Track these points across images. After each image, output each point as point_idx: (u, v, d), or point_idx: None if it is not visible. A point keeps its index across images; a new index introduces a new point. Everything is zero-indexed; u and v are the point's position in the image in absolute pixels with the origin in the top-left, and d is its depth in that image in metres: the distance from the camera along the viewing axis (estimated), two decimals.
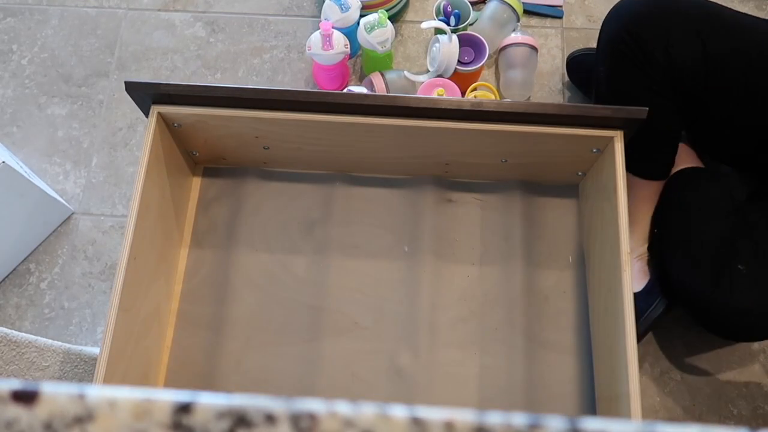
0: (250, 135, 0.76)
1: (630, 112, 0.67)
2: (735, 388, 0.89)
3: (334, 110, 0.70)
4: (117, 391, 0.19)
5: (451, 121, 0.69)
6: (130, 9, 1.18)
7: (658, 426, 0.19)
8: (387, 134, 0.72)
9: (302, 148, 0.78)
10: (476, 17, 1.08)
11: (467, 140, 0.73)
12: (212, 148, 0.80)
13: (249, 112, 0.70)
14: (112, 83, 1.11)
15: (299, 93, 0.71)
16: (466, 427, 0.19)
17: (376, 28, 0.98)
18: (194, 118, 0.72)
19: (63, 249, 1.00)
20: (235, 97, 0.70)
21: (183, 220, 0.83)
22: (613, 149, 0.68)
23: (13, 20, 1.17)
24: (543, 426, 0.19)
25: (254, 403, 0.19)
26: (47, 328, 0.95)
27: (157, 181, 0.72)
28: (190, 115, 0.71)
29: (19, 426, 0.18)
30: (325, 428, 0.18)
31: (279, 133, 0.75)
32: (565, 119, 0.69)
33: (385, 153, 0.78)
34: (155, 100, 0.71)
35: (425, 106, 0.69)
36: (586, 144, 0.71)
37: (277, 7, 1.17)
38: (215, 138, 0.77)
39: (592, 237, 0.77)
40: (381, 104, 0.70)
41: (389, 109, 0.69)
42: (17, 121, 1.09)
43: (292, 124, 0.71)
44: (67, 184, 1.04)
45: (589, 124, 0.68)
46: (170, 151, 0.76)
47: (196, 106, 0.71)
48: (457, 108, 0.69)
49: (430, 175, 0.84)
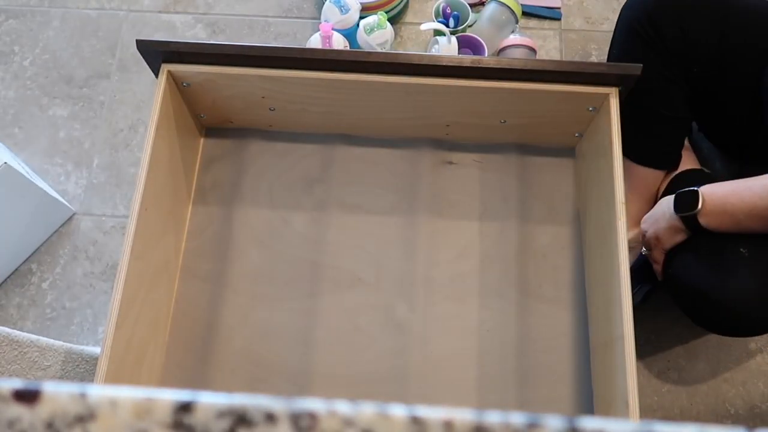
0: (257, 95, 0.77)
1: (625, 68, 0.68)
2: (732, 388, 0.89)
3: (338, 68, 0.71)
4: (118, 390, 0.19)
5: (452, 78, 0.71)
6: (131, 11, 1.18)
7: (655, 425, 0.19)
8: (390, 93, 0.74)
9: (306, 109, 0.79)
10: (475, 19, 1.08)
11: (467, 99, 0.74)
12: (220, 109, 0.82)
13: (256, 71, 0.72)
14: (113, 84, 1.12)
15: (305, 50, 0.73)
16: (465, 426, 0.19)
17: (375, 29, 0.98)
18: (203, 76, 0.73)
19: (64, 249, 1.00)
20: (243, 54, 0.71)
21: (191, 179, 0.85)
22: (608, 106, 0.70)
23: (15, 22, 1.17)
24: (542, 425, 0.19)
25: (254, 403, 0.19)
26: (49, 327, 0.95)
27: (166, 139, 0.73)
28: (200, 73, 0.72)
29: (21, 425, 0.19)
30: (325, 427, 0.19)
31: (285, 92, 0.76)
32: (561, 75, 0.70)
33: (387, 114, 0.80)
34: (165, 59, 0.72)
35: (427, 63, 0.70)
36: (583, 101, 0.72)
37: (277, 9, 1.17)
38: (223, 98, 0.79)
39: (588, 194, 0.79)
40: (384, 61, 0.71)
41: (392, 66, 0.71)
42: (19, 122, 1.09)
43: (298, 83, 0.73)
44: (69, 184, 1.05)
45: (585, 80, 0.70)
46: (179, 112, 0.77)
47: (205, 65, 0.72)
48: (457, 65, 0.70)
49: (430, 137, 0.86)
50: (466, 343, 0.76)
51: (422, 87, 0.72)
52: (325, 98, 0.76)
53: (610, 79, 0.69)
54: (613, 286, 0.66)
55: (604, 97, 0.70)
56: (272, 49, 0.72)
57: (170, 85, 0.73)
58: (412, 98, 0.75)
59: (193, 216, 0.83)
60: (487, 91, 0.71)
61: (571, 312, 0.78)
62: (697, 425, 0.19)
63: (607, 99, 0.70)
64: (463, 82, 0.71)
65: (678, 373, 0.90)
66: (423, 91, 0.73)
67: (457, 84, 0.71)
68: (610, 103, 0.70)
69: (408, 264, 0.80)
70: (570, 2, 1.16)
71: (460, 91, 0.72)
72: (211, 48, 0.72)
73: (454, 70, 0.70)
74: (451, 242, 0.81)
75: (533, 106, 0.74)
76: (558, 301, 0.78)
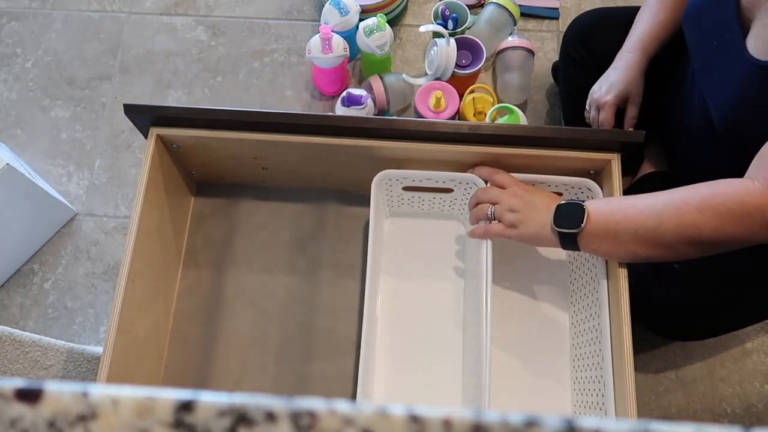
0: (249, 156, 0.76)
1: (627, 135, 0.67)
2: (729, 387, 0.89)
3: (332, 133, 0.70)
4: (119, 389, 0.19)
5: (449, 144, 0.69)
6: (132, 13, 1.18)
7: (652, 424, 0.19)
8: (386, 156, 0.72)
9: (300, 168, 0.78)
10: (474, 21, 1.09)
11: (464, 162, 0.72)
12: (211, 167, 0.80)
13: (248, 135, 0.70)
14: (114, 86, 1.12)
15: (298, 116, 0.71)
16: (464, 425, 0.19)
17: (375, 31, 0.98)
18: (193, 140, 0.72)
19: (66, 249, 1.00)
20: (233, 119, 0.69)
21: (182, 240, 0.83)
22: (610, 171, 0.68)
23: (17, 24, 1.18)
24: (540, 424, 0.19)
25: (255, 402, 0.19)
26: (51, 327, 0.95)
27: (155, 204, 0.72)
28: (189, 137, 0.71)
29: (23, 424, 0.19)
30: (325, 426, 0.19)
31: (277, 154, 0.74)
32: (563, 142, 0.69)
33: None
34: (154, 123, 0.71)
35: (424, 129, 0.69)
36: (584, 166, 0.71)
37: (277, 11, 1.17)
38: (214, 159, 0.77)
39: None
40: (379, 127, 0.69)
41: (387, 132, 0.69)
42: (21, 123, 1.10)
43: (291, 146, 0.71)
44: (71, 185, 1.05)
45: (588, 147, 0.69)
46: (169, 172, 0.76)
47: (195, 128, 0.70)
48: (455, 131, 0.68)
49: None
50: None
51: (419, 151, 0.70)
52: (319, 158, 0.74)
53: (612, 146, 0.68)
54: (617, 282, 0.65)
55: (606, 162, 0.69)
56: (264, 115, 0.70)
57: (159, 148, 0.72)
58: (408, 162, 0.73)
59: (183, 278, 0.81)
60: (484, 155, 0.70)
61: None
62: (693, 424, 0.19)
63: (608, 164, 0.69)
64: (460, 148, 0.69)
65: (675, 373, 0.90)
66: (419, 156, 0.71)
67: (453, 149, 0.69)
68: (612, 169, 0.68)
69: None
70: (567, 4, 1.16)
71: (457, 155, 0.70)
72: (200, 113, 0.70)
73: (450, 136, 0.68)
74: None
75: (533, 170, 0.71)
76: None
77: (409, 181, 0.74)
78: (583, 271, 0.73)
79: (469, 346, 0.72)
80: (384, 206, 0.80)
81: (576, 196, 0.72)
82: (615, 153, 0.69)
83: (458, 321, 0.77)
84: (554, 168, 0.71)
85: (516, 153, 0.69)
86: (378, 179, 0.71)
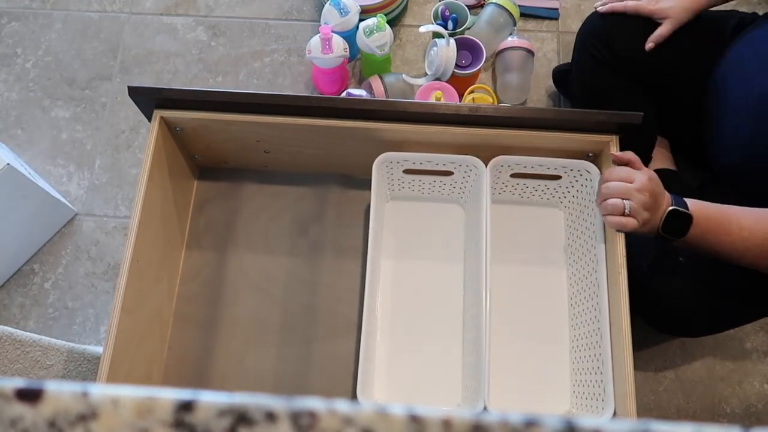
0: (251, 139, 0.76)
1: (624, 117, 0.68)
2: (728, 387, 0.89)
3: (333, 115, 0.70)
4: (120, 389, 0.19)
5: (449, 125, 0.70)
6: (132, 13, 1.18)
7: (652, 424, 0.19)
8: (386, 138, 0.73)
9: (302, 151, 0.79)
10: (473, 21, 1.09)
11: (466, 144, 0.73)
12: (214, 151, 0.81)
13: (250, 117, 0.71)
14: (114, 86, 1.12)
15: (299, 98, 0.72)
16: (464, 425, 0.19)
17: (375, 32, 0.98)
18: (196, 122, 0.72)
19: (66, 249, 1.00)
20: (236, 101, 0.70)
21: (185, 222, 0.84)
22: (609, 153, 0.69)
23: (18, 24, 1.18)
24: (539, 424, 0.19)
25: (255, 401, 0.19)
26: (51, 327, 0.96)
27: (159, 185, 0.73)
28: (192, 119, 0.72)
29: (24, 424, 0.19)
30: (325, 426, 0.19)
31: (279, 136, 0.75)
32: (561, 124, 0.69)
33: None
34: (158, 105, 0.72)
35: (424, 111, 0.69)
36: (582, 148, 0.72)
37: (277, 12, 1.17)
38: (217, 142, 0.78)
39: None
40: (380, 109, 0.70)
41: (388, 114, 0.70)
42: (21, 123, 1.10)
43: (293, 128, 0.72)
44: (71, 185, 1.05)
45: (585, 128, 0.69)
46: (172, 155, 0.77)
47: (198, 111, 0.71)
48: (455, 113, 0.69)
49: None
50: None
51: (420, 134, 0.70)
52: (321, 141, 0.75)
53: (610, 127, 0.69)
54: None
55: (605, 144, 0.70)
56: (265, 96, 0.71)
57: (163, 130, 0.72)
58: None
59: (187, 260, 0.82)
60: (484, 136, 0.70)
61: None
62: (693, 424, 0.19)
63: (607, 146, 0.70)
64: (461, 130, 0.70)
65: (674, 372, 0.90)
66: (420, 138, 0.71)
67: (454, 131, 0.70)
68: (610, 151, 0.69)
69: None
70: (567, 5, 1.16)
71: (458, 136, 0.70)
72: (203, 95, 0.70)
73: (450, 117, 0.69)
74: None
75: (532, 152, 0.73)
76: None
77: (410, 164, 0.74)
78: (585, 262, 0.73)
79: (469, 326, 0.73)
80: (385, 189, 0.81)
81: (575, 179, 0.74)
82: (613, 135, 0.70)
83: (458, 301, 0.78)
84: (553, 150, 0.72)
85: (515, 134, 0.70)
86: (379, 161, 0.72)
